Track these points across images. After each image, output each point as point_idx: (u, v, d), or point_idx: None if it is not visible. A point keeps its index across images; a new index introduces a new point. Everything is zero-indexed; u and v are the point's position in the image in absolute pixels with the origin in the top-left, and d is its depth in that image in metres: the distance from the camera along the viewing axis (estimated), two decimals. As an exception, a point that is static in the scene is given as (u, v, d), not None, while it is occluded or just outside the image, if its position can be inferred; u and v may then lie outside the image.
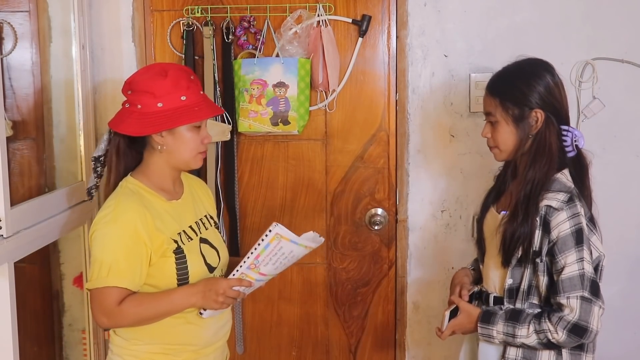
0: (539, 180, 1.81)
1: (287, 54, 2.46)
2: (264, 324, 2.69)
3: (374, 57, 2.54)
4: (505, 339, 1.81)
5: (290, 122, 2.44)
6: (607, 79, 2.45)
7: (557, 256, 1.75)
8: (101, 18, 2.55)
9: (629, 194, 2.51)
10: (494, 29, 2.48)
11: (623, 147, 2.50)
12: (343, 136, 2.58)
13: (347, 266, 2.64)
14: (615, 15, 2.44)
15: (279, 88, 2.43)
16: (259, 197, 2.63)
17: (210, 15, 2.50)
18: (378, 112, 2.56)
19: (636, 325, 2.57)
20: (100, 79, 2.57)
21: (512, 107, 1.83)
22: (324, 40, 2.45)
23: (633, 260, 2.54)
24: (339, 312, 2.66)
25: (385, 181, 2.59)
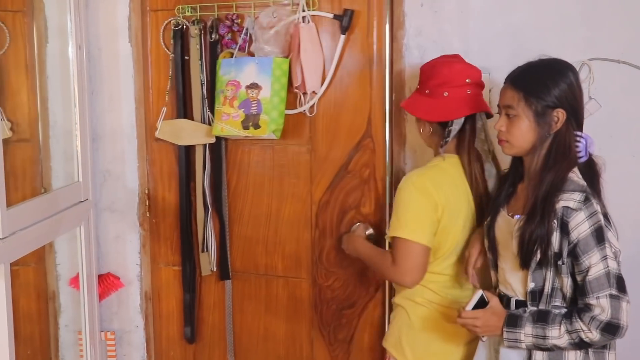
0: (557, 181, 1.79)
1: (263, 53, 2.30)
2: (251, 336, 2.62)
3: (360, 57, 2.38)
4: (535, 342, 1.78)
5: (261, 125, 2.29)
6: (603, 79, 2.45)
7: (581, 257, 1.74)
8: (98, 18, 2.55)
9: (625, 195, 2.50)
10: (491, 29, 2.47)
11: (620, 148, 2.49)
12: (328, 142, 2.43)
13: (333, 284, 2.50)
14: (612, 16, 2.44)
15: (251, 89, 2.30)
16: (246, 204, 2.54)
17: (200, 14, 2.44)
18: (363, 117, 2.39)
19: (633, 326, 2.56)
20: (97, 80, 2.57)
21: (536, 102, 1.81)
22: (302, 38, 2.28)
23: (629, 261, 2.53)
24: (324, 333, 2.54)
25: (371, 193, 2.42)
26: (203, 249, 2.54)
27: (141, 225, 2.64)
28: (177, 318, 2.67)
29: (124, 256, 2.66)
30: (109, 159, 2.61)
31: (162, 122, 2.51)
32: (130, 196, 2.63)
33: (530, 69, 1.88)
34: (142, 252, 2.66)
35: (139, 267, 2.66)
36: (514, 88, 1.85)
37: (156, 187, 2.62)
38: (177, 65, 2.47)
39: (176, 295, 2.66)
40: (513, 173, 1.97)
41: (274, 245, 2.53)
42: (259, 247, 2.55)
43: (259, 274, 2.56)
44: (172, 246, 2.64)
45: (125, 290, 2.67)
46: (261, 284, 2.56)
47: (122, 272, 2.66)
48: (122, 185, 2.63)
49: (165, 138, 2.51)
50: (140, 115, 2.58)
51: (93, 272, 2.54)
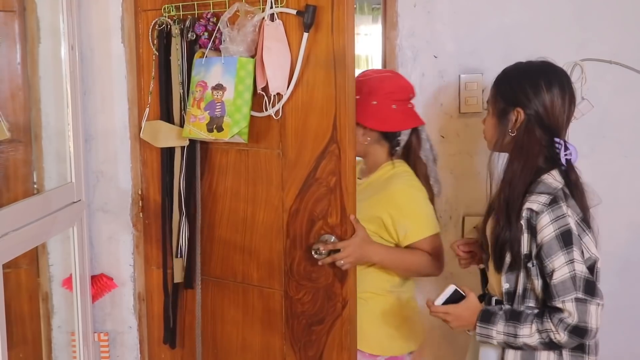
0: (516, 181, 1.80)
1: (228, 52, 2.16)
2: (231, 345, 2.46)
3: (325, 55, 2.10)
4: (506, 340, 1.79)
5: (224, 128, 2.14)
6: (595, 80, 2.46)
7: (545, 260, 1.75)
8: (90, 19, 2.54)
9: (617, 195, 2.52)
10: (484, 30, 2.48)
11: (612, 148, 2.51)
12: (297, 147, 2.21)
13: (302, 297, 2.28)
14: (604, 17, 2.46)
15: (217, 91, 2.17)
16: (225, 209, 2.39)
17: (182, 12, 2.35)
18: (329, 121, 2.13)
19: (625, 326, 2.58)
20: (90, 80, 2.56)
21: (500, 100, 1.87)
22: (266, 36, 2.09)
23: (622, 261, 2.55)
24: (295, 349, 2.34)
25: (337, 204, 2.17)
26: (177, 254, 2.42)
27: (134, 226, 2.64)
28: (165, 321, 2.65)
29: (117, 257, 2.65)
30: (101, 159, 2.61)
31: (145, 123, 2.46)
32: (124, 197, 2.62)
33: (510, 68, 1.91)
34: (135, 253, 2.65)
35: (132, 268, 2.66)
36: (493, 85, 1.93)
37: (148, 188, 2.61)
38: (160, 65, 2.41)
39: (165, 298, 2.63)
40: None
41: (249, 253, 2.37)
42: (237, 254, 2.39)
43: (237, 282, 2.41)
44: (162, 248, 2.62)
45: (119, 291, 2.66)
46: (238, 292, 2.41)
47: (115, 273, 2.66)
48: (115, 186, 2.62)
49: (147, 139, 2.46)
50: (133, 116, 2.58)
51: (86, 273, 2.53)
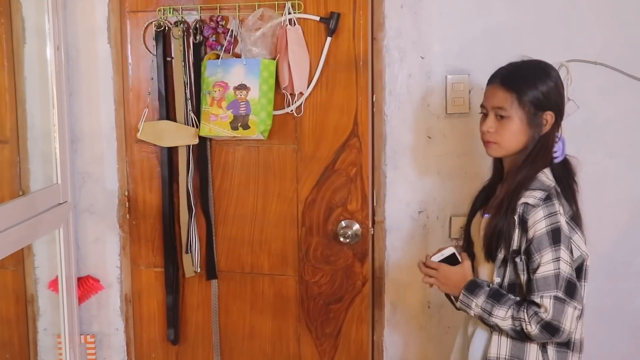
0: (524, 180, 1.83)
1: (250, 54, 2.33)
2: (236, 335, 2.62)
3: (345, 59, 2.40)
4: (480, 314, 1.83)
5: (251, 126, 2.32)
6: (581, 80, 2.47)
7: (534, 255, 1.77)
8: (76, 19, 2.53)
9: (603, 195, 2.53)
10: (470, 31, 2.49)
11: (597, 148, 2.52)
12: (314, 142, 2.46)
13: (319, 280, 2.53)
14: (589, 18, 2.47)
15: (239, 90, 2.32)
16: (231, 204, 2.54)
17: (182, 15, 2.44)
18: (350, 117, 2.43)
19: (612, 325, 2.60)
20: (76, 81, 2.55)
21: (529, 106, 1.82)
22: (290, 40, 2.32)
23: (609, 261, 2.56)
24: (311, 329, 2.56)
25: (357, 191, 2.47)
26: (187, 250, 2.53)
27: (121, 228, 2.63)
28: (158, 320, 2.66)
29: (103, 259, 2.64)
30: (88, 160, 2.60)
31: (144, 124, 2.50)
32: (110, 198, 2.61)
33: (520, 70, 1.87)
34: (122, 255, 2.64)
35: (119, 269, 2.65)
36: (506, 89, 1.84)
37: (136, 189, 2.61)
38: (159, 66, 2.47)
39: (157, 297, 2.64)
40: (494, 175, 2.00)
41: (259, 244, 2.55)
42: (245, 246, 2.56)
43: (245, 273, 2.57)
44: (154, 248, 2.62)
45: (105, 293, 2.65)
46: (247, 282, 2.58)
47: (102, 274, 2.65)
48: (101, 187, 2.61)
49: (148, 139, 2.50)
50: (120, 117, 2.57)
51: (72, 274, 2.52)
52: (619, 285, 2.57)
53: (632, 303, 2.59)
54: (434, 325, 2.61)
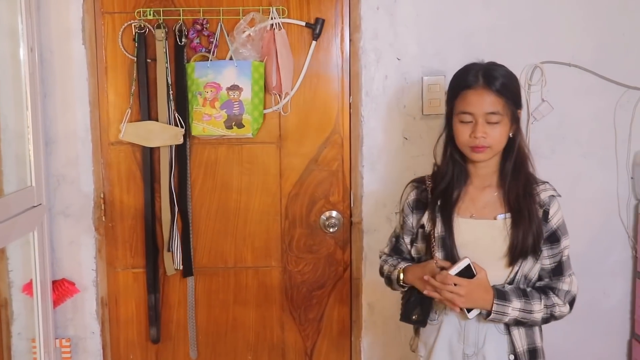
0: (529, 177, 1.88)
1: (241, 57, 2.45)
2: (219, 328, 2.67)
3: (328, 60, 2.54)
4: (522, 316, 1.82)
5: (245, 125, 2.44)
6: (555, 82, 2.51)
7: (561, 240, 1.88)
8: (50, 20, 2.50)
9: (577, 194, 2.57)
10: (446, 32, 2.51)
11: (571, 149, 2.56)
12: (297, 139, 2.58)
13: (303, 269, 2.65)
14: (563, 20, 2.50)
15: (232, 91, 2.42)
16: (214, 201, 2.61)
17: (163, 17, 2.48)
18: (332, 115, 2.56)
19: (585, 322, 2.63)
20: (50, 82, 2.52)
21: (512, 106, 1.83)
22: (277, 43, 2.45)
23: (581, 259, 2.59)
24: (295, 315, 2.67)
25: (339, 184, 2.60)
26: (168, 248, 2.56)
27: (97, 230, 2.60)
28: (137, 321, 2.65)
29: (79, 261, 2.62)
30: (62, 162, 2.57)
31: (127, 125, 2.50)
32: (85, 200, 2.59)
33: (496, 71, 1.83)
34: (97, 257, 2.62)
35: (95, 272, 2.62)
36: (496, 93, 1.80)
37: (113, 190, 2.59)
38: (140, 68, 2.49)
39: (136, 298, 2.64)
40: (457, 178, 1.90)
41: (243, 239, 2.63)
42: (227, 241, 2.63)
43: (228, 267, 2.64)
44: (132, 249, 2.62)
45: (81, 296, 2.63)
46: (230, 276, 2.64)
47: (77, 277, 2.62)
48: (76, 189, 2.58)
49: (131, 140, 2.52)
50: (95, 119, 2.55)
51: (47, 278, 2.49)
52: (593, 284, 2.61)
53: (606, 301, 2.63)
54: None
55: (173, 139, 2.51)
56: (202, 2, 2.50)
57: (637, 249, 2.56)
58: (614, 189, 2.57)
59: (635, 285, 2.58)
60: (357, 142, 2.56)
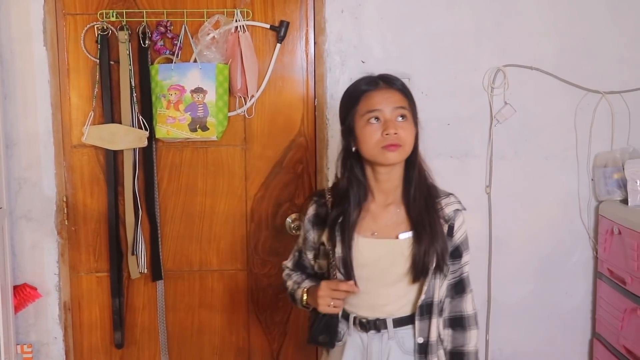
0: (432, 190, 1.80)
1: (205, 59, 2.44)
2: (184, 332, 2.65)
3: (293, 63, 2.54)
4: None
5: (209, 127, 2.42)
6: (517, 85, 2.54)
7: (463, 255, 1.81)
8: (10, 21, 2.46)
9: (539, 196, 2.60)
10: (410, 35, 2.53)
11: (534, 151, 2.59)
12: (262, 142, 2.57)
13: (269, 272, 2.64)
14: (525, 24, 2.54)
15: (197, 94, 2.41)
16: (178, 204, 2.59)
17: (126, 19, 2.46)
18: (297, 117, 2.56)
19: (547, 322, 2.67)
20: (11, 84, 2.48)
21: (414, 109, 1.77)
22: (242, 45, 2.44)
23: (544, 260, 2.63)
24: (261, 319, 2.66)
25: (305, 186, 2.60)
26: (132, 252, 2.54)
27: (59, 234, 2.57)
28: (100, 325, 2.63)
29: (41, 266, 2.58)
30: (24, 166, 2.53)
31: (90, 127, 2.48)
32: (48, 204, 2.56)
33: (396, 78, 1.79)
34: (60, 261, 2.58)
35: (57, 276, 2.59)
36: (399, 92, 1.75)
37: (76, 194, 2.56)
38: (103, 70, 2.47)
39: (100, 302, 2.61)
40: (358, 195, 1.78)
41: (208, 242, 2.62)
42: (193, 244, 2.62)
43: (193, 270, 2.63)
44: (95, 253, 2.59)
45: (43, 301, 2.59)
46: (195, 279, 2.63)
47: (40, 282, 2.58)
48: (38, 192, 2.55)
49: (95, 143, 2.49)
50: (57, 121, 2.52)
51: (8, 283, 2.45)
52: (555, 284, 2.64)
53: (568, 302, 2.66)
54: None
55: (137, 141, 2.48)
56: (165, 4, 2.48)
57: (597, 250, 2.60)
58: (575, 191, 2.61)
59: (596, 285, 2.63)
60: (322, 145, 2.56)
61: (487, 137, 2.57)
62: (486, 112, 2.55)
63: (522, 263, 2.63)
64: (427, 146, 2.51)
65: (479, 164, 2.58)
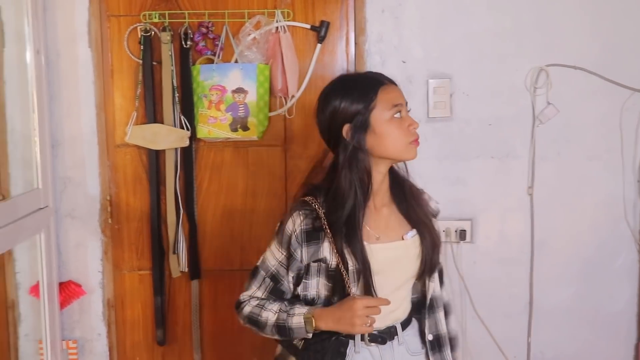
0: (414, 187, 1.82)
1: (246, 59, 2.45)
2: (225, 331, 2.66)
3: (333, 63, 2.54)
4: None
5: (250, 127, 2.44)
6: (560, 84, 2.50)
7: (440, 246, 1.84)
8: (56, 23, 2.51)
9: (582, 197, 2.56)
10: (451, 35, 2.51)
11: (577, 152, 2.55)
12: (303, 142, 2.58)
13: None
14: (568, 23, 2.50)
15: (238, 94, 2.43)
16: (219, 203, 2.61)
17: (168, 20, 2.49)
18: None
19: (590, 325, 2.62)
20: (56, 85, 2.53)
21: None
22: (283, 46, 2.46)
23: (587, 263, 2.59)
24: None
25: None
26: (174, 250, 2.57)
27: (103, 232, 2.62)
28: (143, 323, 2.66)
29: (85, 264, 2.63)
30: (69, 165, 2.58)
31: (133, 127, 2.52)
32: (92, 203, 2.60)
33: None
34: (104, 259, 2.63)
35: (101, 274, 2.64)
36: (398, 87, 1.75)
37: (119, 193, 2.60)
38: (146, 70, 2.50)
39: (142, 300, 2.65)
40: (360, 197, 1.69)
41: (249, 242, 2.62)
42: (233, 244, 2.63)
43: (233, 270, 2.63)
44: (138, 251, 2.63)
45: (87, 298, 2.64)
46: (235, 278, 2.62)
47: (84, 279, 2.63)
48: (83, 191, 2.60)
49: (137, 143, 2.53)
50: (101, 121, 2.56)
51: (54, 280, 2.50)
52: (598, 288, 2.60)
53: (613, 305, 2.62)
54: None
55: (179, 141, 2.51)
56: (207, 5, 2.51)
57: (643, 252, 2.55)
58: (620, 193, 2.56)
59: (641, 288, 2.58)
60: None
61: (529, 138, 2.53)
62: (528, 113, 2.52)
63: (565, 265, 2.59)
64: (467, 146, 2.54)
65: (520, 164, 2.55)
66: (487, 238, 2.58)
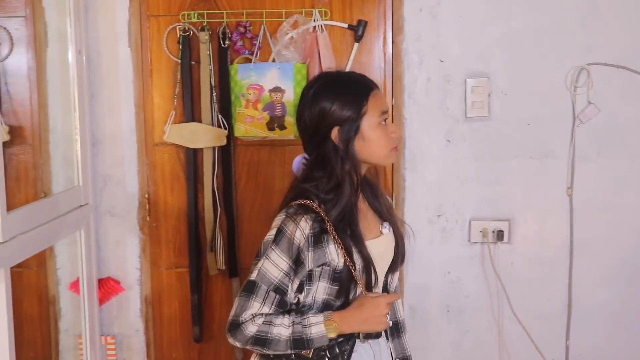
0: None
1: (284, 59, 2.46)
2: None
3: (370, 62, 2.54)
4: None
5: (287, 127, 2.45)
6: (602, 84, 2.46)
7: None
8: (97, 23, 2.56)
9: (625, 198, 2.51)
10: (490, 34, 2.48)
11: (618, 152, 2.50)
12: None
13: None
14: (610, 21, 2.45)
15: (275, 93, 2.44)
16: (256, 202, 2.62)
17: (207, 20, 2.51)
18: None
19: (633, 330, 2.57)
20: (97, 84, 2.58)
21: None
22: (320, 45, 2.46)
23: (630, 266, 2.54)
24: None
25: (381, 186, 2.56)
26: (211, 248, 2.59)
27: (141, 230, 2.65)
28: (180, 320, 2.69)
29: (124, 260, 2.67)
30: (109, 163, 2.62)
31: (171, 126, 2.54)
32: (130, 200, 2.64)
33: None
34: (142, 257, 2.66)
35: (139, 271, 2.67)
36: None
37: (157, 191, 2.63)
38: (185, 70, 2.53)
39: (179, 297, 2.67)
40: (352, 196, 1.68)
41: None
42: None
43: None
44: (175, 249, 2.66)
45: (126, 295, 2.68)
46: None
47: (122, 276, 2.67)
48: (122, 189, 2.63)
49: (175, 141, 2.55)
50: (140, 120, 2.60)
51: (93, 276, 2.54)
52: None
53: (654, 308, 2.57)
54: (453, 330, 2.61)
55: (216, 140, 2.53)
56: (245, 4, 2.52)
57: (686, 255, 2.49)
58: (663, 193, 2.51)
59: (684, 292, 2.52)
60: (400, 145, 2.55)
61: (569, 138, 2.50)
62: (568, 112, 2.48)
63: (605, 268, 2.55)
64: (505, 146, 2.51)
65: (559, 165, 2.51)
66: (525, 239, 2.55)
